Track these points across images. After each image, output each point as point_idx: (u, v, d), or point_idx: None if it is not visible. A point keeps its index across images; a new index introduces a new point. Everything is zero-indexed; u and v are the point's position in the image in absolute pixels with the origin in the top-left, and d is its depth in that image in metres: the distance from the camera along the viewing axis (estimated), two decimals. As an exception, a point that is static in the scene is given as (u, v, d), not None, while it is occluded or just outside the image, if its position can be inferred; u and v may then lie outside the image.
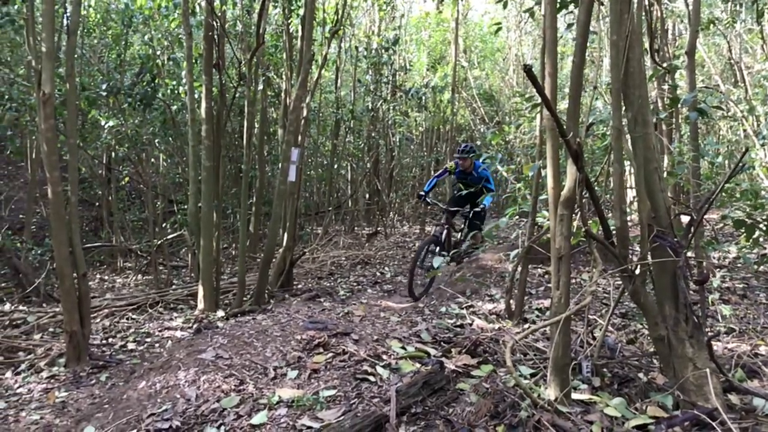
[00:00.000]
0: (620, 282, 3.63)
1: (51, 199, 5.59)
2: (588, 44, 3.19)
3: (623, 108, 3.22)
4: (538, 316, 5.59)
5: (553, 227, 2.99)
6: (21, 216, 11.31)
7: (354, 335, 3.28)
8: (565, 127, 2.87)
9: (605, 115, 4.34)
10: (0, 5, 8.13)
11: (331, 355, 3.04)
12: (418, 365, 3.04)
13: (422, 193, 7.61)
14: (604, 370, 3.16)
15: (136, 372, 3.26)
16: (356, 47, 14.03)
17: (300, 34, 8.31)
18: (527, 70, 2.46)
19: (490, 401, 2.72)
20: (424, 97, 13.51)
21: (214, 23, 7.49)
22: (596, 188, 3.32)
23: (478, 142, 16.54)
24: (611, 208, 3.60)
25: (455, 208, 7.69)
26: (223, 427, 2.46)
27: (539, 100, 5.65)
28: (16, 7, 8.27)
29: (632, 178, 4.47)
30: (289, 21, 9.12)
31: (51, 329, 6.53)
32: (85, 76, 9.86)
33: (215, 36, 7.56)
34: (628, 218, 3.40)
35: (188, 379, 2.80)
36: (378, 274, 9.86)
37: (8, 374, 5.37)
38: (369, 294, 8.41)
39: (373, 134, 14.22)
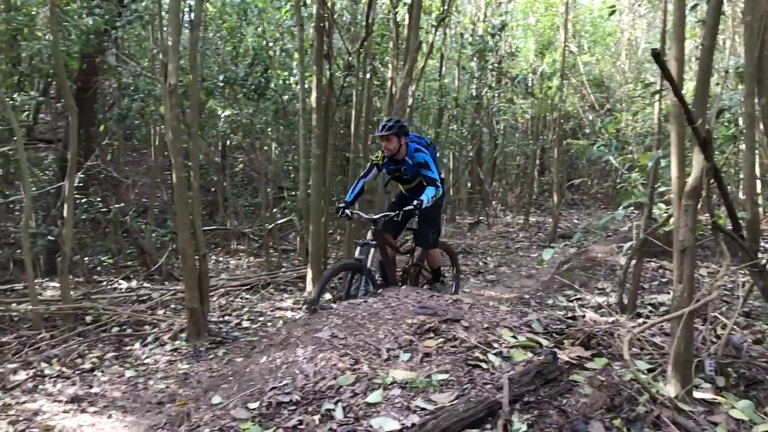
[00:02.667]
0: (748, 278, 3.42)
1: (175, 184, 5.97)
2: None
3: (756, 94, 3.03)
4: (651, 312, 5.37)
5: (677, 218, 2.86)
6: (144, 200, 12.13)
7: (464, 322, 3.30)
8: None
9: (734, 101, 4.09)
10: (130, 2, 8.69)
11: (442, 340, 3.08)
12: (530, 354, 3.01)
13: (341, 205, 5.46)
14: (729, 369, 3.00)
15: (256, 347, 3.44)
16: (461, 34, 13.92)
17: (407, 22, 8.35)
18: (655, 54, 2.37)
19: (605, 394, 2.66)
20: (530, 84, 13.21)
21: (325, 14, 7.68)
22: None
23: (587, 130, 16.00)
24: (736, 199, 3.41)
25: (395, 219, 5.33)
26: (340, 404, 2.55)
27: (658, 87, 5.40)
28: (144, 3, 8.82)
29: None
30: (396, 10, 9.18)
31: (173, 306, 6.99)
32: (203, 68, 10.40)
33: (325, 27, 7.75)
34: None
35: (306, 357, 2.92)
36: (481, 264, 9.81)
37: (137, 345, 5.82)
38: (472, 283, 8.39)
39: (476, 122, 14.09)
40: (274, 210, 10.88)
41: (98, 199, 8.91)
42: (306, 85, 7.90)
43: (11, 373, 5.10)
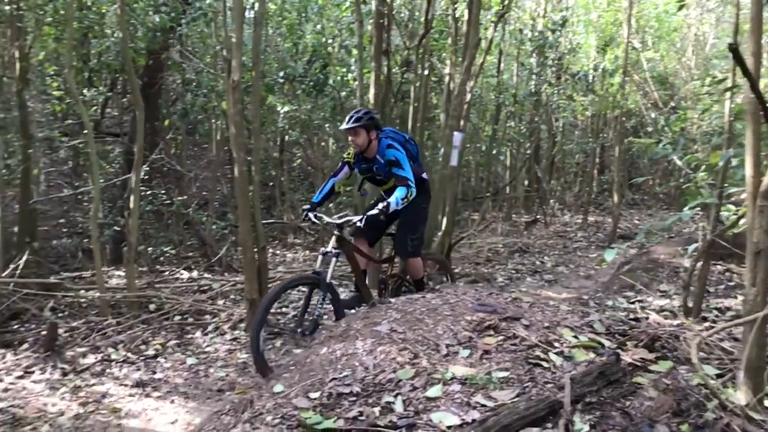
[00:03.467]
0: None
1: (236, 178, 6.10)
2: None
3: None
4: (717, 316, 5.20)
5: (751, 219, 2.76)
6: (204, 193, 12.44)
7: (524, 320, 3.27)
8: (771, 110, 2.63)
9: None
10: (194, 0, 8.91)
11: (501, 338, 3.05)
12: (591, 355, 2.96)
13: (306, 207, 4.89)
14: (804, 377, 2.87)
15: (316, 339, 3.49)
16: (520, 30, 13.73)
17: (466, 18, 8.29)
18: (733, 49, 2.29)
19: (671, 398, 2.59)
20: (591, 81, 12.93)
21: (384, 11, 7.70)
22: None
23: (649, 128, 15.55)
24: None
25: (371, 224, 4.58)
26: (399, 397, 2.57)
27: (729, 84, 5.20)
28: (207, 1, 9.03)
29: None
30: (455, 6, 9.13)
31: (232, 296, 7.15)
32: (264, 65, 10.58)
33: (385, 23, 7.77)
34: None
35: (366, 349, 2.95)
36: (537, 263, 9.67)
37: (198, 334, 5.98)
38: (528, 283, 8.29)
39: (535, 119, 13.88)
40: (330, 205, 10.99)
41: (162, 191, 9.18)
42: (364, 82, 7.94)
43: (81, 356, 5.33)
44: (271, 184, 12.29)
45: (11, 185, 8.94)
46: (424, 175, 4.92)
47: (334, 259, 4.53)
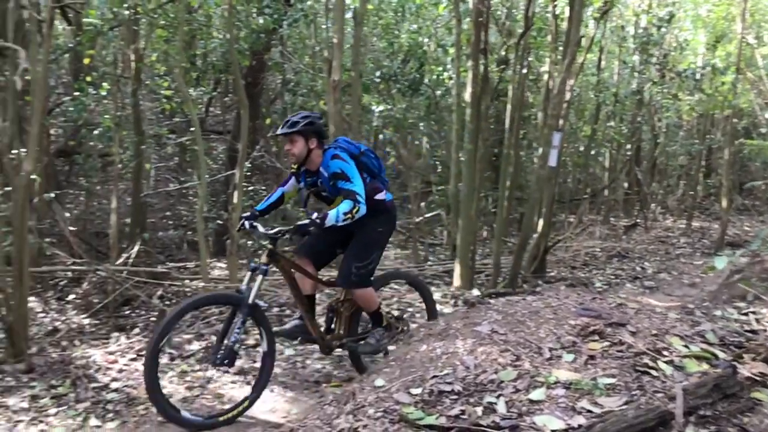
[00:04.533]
0: None
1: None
2: None
3: None
4: (843, 332, 4.81)
5: None
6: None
7: (630, 327, 3.16)
8: None
9: None
10: (296, 1, 9.16)
11: (607, 343, 2.96)
12: (705, 366, 2.82)
13: (245, 214, 4.33)
14: None
15: (414, 336, 3.52)
16: (622, 27, 13.24)
17: (567, 15, 8.09)
18: None
19: (796, 417, 2.43)
20: (699, 79, 12.29)
21: (483, 8, 7.63)
22: None
23: (762, 130, 14.59)
24: None
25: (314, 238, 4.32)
26: (502, 398, 2.55)
27: None
28: (308, 3, 9.28)
29: None
30: (556, 3, 8.91)
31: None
32: (360, 64, 10.76)
33: (483, 21, 7.70)
34: None
35: (466, 349, 2.94)
36: (638, 269, 9.30)
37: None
38: (628, 289, 7.98)
39: (637, 119, 13.34)
40: (422, 204, 11.02)
41: (262, 187, 9.51)
42: (460, 80, 7.90)
43: (187, 342, 5.61)
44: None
45: (123, 179, 9.55)
46: (386, 195, 4.27)
47: (261, 277, 3.96)
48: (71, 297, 6.89)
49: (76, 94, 7.60)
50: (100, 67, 9.24)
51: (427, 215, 10.29)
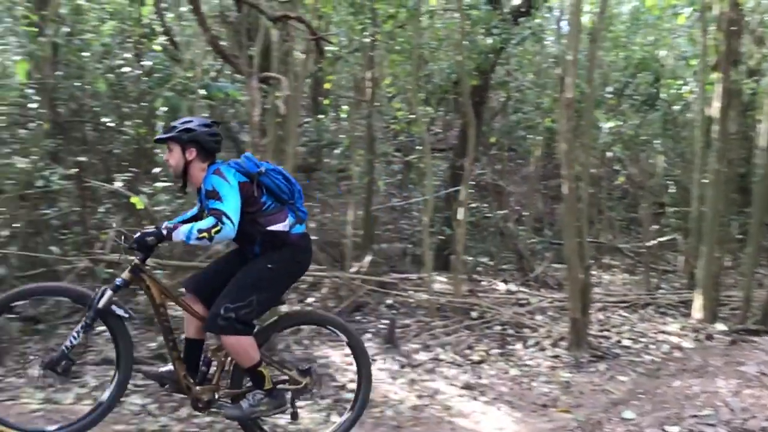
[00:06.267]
0: None
1: (566, 195, 6.07)
2: None
3: None
4: None
5: None
6: (517, 207, 12.66)
7: None
8: None
9: None
10: (524, 20, 9.15)
11: None
12: None
13: (148, 229, 3.48)
14: None
15: (662, 369, 3.30)
16: None
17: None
18: None
19: None
20: None
21: (735, 16, 6.97)
22: None
23: None
24: None
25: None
26: (779, 450, 2.28)
27: None
28: (537, 21, 9.22)
29: None
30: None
31: (550, 313, 7.13)
32: (584, 80, 10.41)
33: (735, 30, 7.03)
34: None
35: (729, 389, 2.70)
36: None
37: (518, 346, 6.10)
38: None
39: None
40: (653, 227, 10.30)
41: (484, 204, 9.61)
42: (705, 94, 7.28)
43: (414, 352, 5.84)
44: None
45: (353, 194, 10.25)
46: (292, 227, 3.58)
47: (110, 292, 3.36)
48: (310, 300, 7.54)
49: (320, 117, 8.36)
50: (335, 91, 10.07)
51: (662, 239, 9.58)
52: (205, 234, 3.23)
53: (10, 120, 6.72)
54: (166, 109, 6.18)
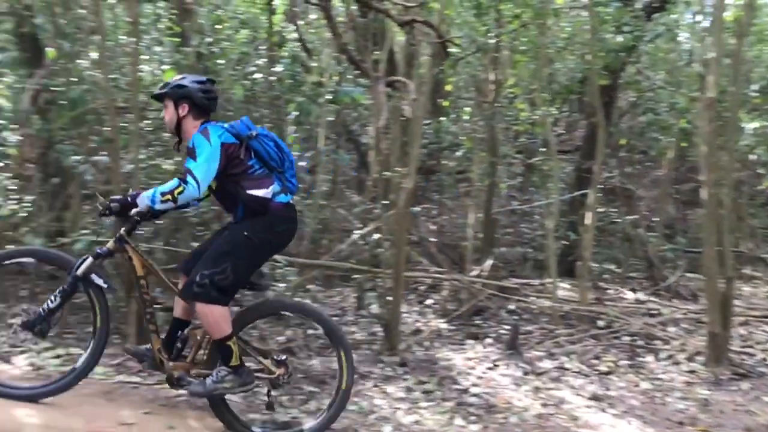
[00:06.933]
0: None
1: (706, 201, 5.69)
2: None
3: None
4: None
5: None
6: (646, 212, 12.01)
7: None
8: None
9: None
10: (657, 16, 8.69)
11: None
12: None
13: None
14: None
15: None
16: None
17: None
18: None
19: None
20: None
21: None
22: None
23: None
24: None
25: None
26: None
27: None
28: (673, 16, 8.72)
29: None
30: None
31: (684, 325, 6.72)
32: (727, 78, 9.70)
33: None
34: None
35: None
36: None
37: (650, 358, 5.81)
38: None
39: None
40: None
41: (611, 209, 9.23)
42: None
43: (538, 359, 5.71)
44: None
45: (472, 196, 10.15)
46: (276, 196, 3.54)
47: (90, 259, 3.46)
48: (429, 302, 7.57)
49: (441, 119, 8.37)
50: (455, 92, 10.03)
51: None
52: (168, 196, 3.31)
53: (155, 124, 7.27)
54: (297, 113, 6.45)
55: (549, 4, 7.60)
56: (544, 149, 9.34)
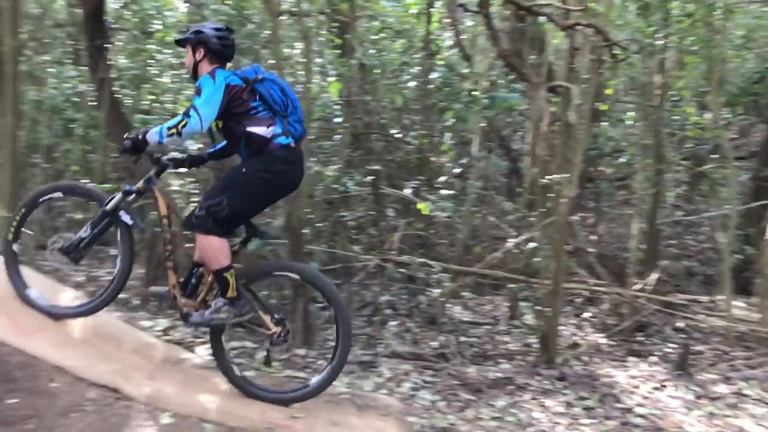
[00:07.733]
0: None
1: None
2: None
3: None
4: None
5: None
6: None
7: None
8: None
9: None
10: None
11: None
12: None
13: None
14: None
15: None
16: None
17: None
18: None
19: None
20: None
21: None
22: None
23: None
24: None
25: None
26: None
27: None
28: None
29: None
30: None
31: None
32: None
33: None
34: None
35: None
36: None
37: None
38: None
39: None
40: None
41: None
42: None
43: (711, 383, 5.28)
44: None
45: (633, 205, 9.58)
46: (277, 138, 3.54)
47: (121, 194, 3.62)
48: (587, 315, 7.27)
49: (604, 123, 8.00)
50: (615, 96, 9.51)
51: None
52: (173, 130, 3.42)
53: (318, 133, 7.64)
54: (454, 120, 6.48)
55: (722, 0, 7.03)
56: (715, 155, 8.66)
